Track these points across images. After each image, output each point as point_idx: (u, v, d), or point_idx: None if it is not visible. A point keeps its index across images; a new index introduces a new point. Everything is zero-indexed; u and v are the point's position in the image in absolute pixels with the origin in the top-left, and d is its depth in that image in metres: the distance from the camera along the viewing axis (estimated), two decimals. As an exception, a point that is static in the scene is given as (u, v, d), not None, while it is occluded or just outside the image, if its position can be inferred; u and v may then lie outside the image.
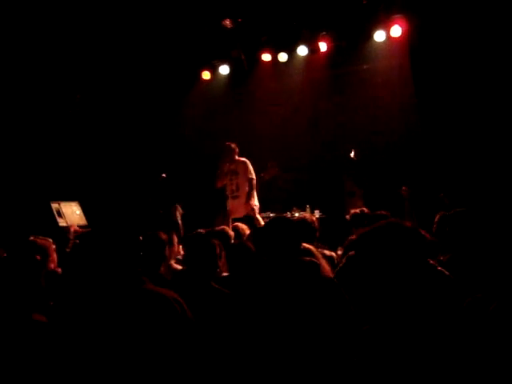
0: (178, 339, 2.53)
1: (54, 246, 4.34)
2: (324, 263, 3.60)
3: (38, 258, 3.47)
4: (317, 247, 4.34)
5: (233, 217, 7.90)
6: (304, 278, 2.74)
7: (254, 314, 2.72)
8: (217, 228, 5.43)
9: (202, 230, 5.43)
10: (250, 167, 8.06)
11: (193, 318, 2.67)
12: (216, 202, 8.55)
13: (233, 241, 5.01)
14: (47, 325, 2.81)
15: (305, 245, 3.53)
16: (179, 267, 4.41)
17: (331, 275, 3.47)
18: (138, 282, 2.64)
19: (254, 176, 8.06)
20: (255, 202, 8.06)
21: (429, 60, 8.82)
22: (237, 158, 8.12)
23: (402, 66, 9.41)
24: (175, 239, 4.75)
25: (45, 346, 2.69)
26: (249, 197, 7.92)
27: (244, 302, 2.83)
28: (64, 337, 2.64)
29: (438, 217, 4.33)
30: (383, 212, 5.00)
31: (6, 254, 4.47)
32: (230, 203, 8.10)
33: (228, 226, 6.39)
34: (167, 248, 4.15)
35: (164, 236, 4.08)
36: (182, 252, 4.94)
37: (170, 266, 4.42)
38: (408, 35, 8.97)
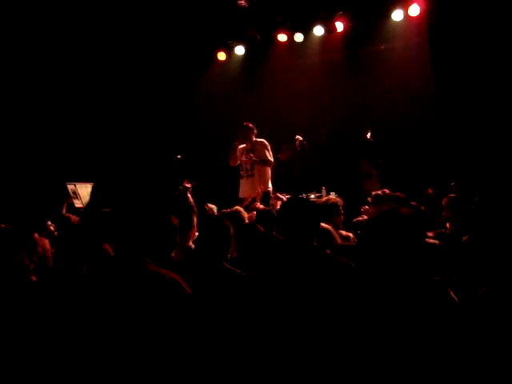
0: (175, 318, 2.54)
1: None
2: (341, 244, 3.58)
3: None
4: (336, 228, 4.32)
5: (246, 196, 7.85)
6: (322, 261, 2.70)
7: (271, 295, 2.70)
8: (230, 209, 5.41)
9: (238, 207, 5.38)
10: (268, 148, 7.96)
11: (193, 299, 2.67)
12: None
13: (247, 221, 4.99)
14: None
15: (323, 225, 3.50)
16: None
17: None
18: (140, 262, 2.64)
19: (271, 158, 7.98)
20: (269, 184, 7.99)
21: (447, 40, 8.68)
22: (254, 138, 8.03)
23: (420, 46, 9.27)
24: (195, 221, 4.74)
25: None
26: (263, 177, 7.87)
27: (260, 283, 2.80)
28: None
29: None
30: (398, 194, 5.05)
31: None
32: (244, 182, 8.02)
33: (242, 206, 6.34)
34: (179, 232, 4.12)
35: (176, 220, 4.05)
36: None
37: (190, 247, 4.41)
38: (426, 14, 8.83)
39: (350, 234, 4.60)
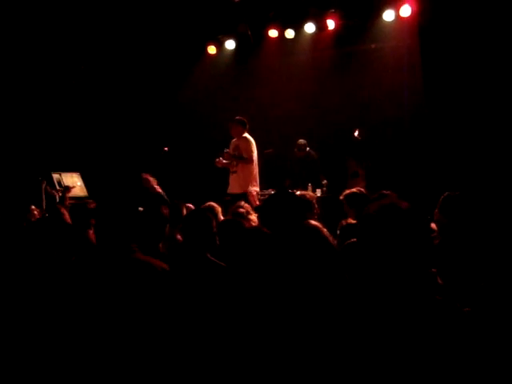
0: (162, 305, 2.57)
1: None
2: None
3: None
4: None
5: (230, 192, 7.88)
6: (306, 254, 2.70)
7: (257, 287, 2.69)
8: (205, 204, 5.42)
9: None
10: (250, 145, 7.89)
11: (180, 288, 2.70)
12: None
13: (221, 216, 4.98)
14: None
15: (312, 222, 3.50)
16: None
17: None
18: (128, 250, 2.67)
19: (248, 155, 7.86)
20: (252, 183, 7.93)
21: (438, 41, 8.70)
22: (244, 134, 7.99)
23: (411, 47, 9.29)
24: (184, 212, 4.76)
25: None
26: (244, 175, 7.85)
27: (242, 274, 2.80)
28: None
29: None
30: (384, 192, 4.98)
31: None
32: (231, 178, 8.05)
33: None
34: (168, 223, 4.13)
35: (166, 211, 4.06)
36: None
37: (178, 240, 4.42)
38: (417, 15, 8.84)
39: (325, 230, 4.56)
